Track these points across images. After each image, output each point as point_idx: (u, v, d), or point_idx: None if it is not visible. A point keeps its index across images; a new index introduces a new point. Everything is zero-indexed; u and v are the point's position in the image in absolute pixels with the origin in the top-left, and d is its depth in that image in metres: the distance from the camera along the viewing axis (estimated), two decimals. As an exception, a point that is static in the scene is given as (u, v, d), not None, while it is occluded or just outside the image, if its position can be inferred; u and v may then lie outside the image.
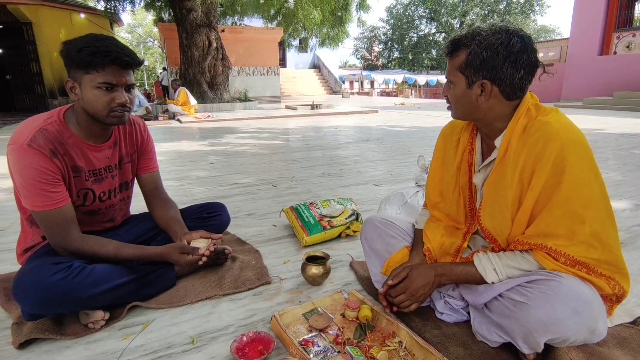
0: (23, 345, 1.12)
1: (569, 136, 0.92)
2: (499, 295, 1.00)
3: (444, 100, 1.10)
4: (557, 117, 0.97)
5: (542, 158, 0.93)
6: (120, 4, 11.65)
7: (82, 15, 12.44)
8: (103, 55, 1.12)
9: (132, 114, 1.39)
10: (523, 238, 0.99)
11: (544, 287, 0.91)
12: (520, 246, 1.00)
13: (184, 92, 8.98)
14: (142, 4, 12.88)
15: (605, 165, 3.50)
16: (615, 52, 11.59)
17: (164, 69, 14.91)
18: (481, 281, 1.05)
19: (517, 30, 0.94)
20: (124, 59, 1.16)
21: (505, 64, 0.93)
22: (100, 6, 12.09)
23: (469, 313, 1.16)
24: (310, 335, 1.12)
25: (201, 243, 1.40)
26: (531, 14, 33.25)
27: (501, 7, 33.10)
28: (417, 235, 1.29)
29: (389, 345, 1.07)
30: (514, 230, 1.02)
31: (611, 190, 2.68)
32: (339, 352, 1.05)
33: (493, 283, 1.02)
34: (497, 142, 1.04)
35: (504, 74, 0.94)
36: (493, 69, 0.95)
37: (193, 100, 9.18)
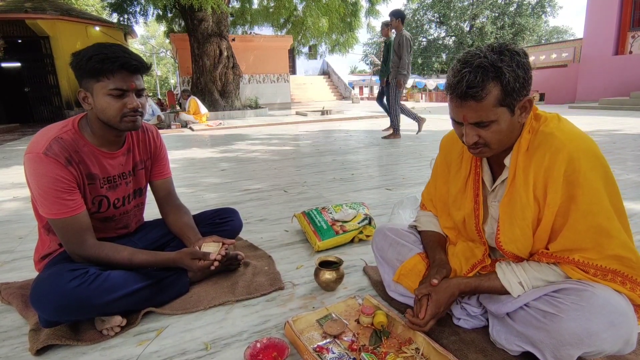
0: (40, 351, 1.13)
1: (576, 146, 0.88)
2: (525, 304, 0.96)
3: None
4: (559, 125, 0.93)
5: (552, 173, 0.89)
6: (132, 16, 11.92)
7: (97, 28, 12.76)
8: (112, 61, 1.14)
9: (145, 122, 1.41)
10: (549, 252, 0.95)
11: (577, 298, 0.86)
12: (545, 259, 0.96)
13: (194, 102, 9.10)
14: (154, 16, 13.16)
15: (624, 166, 3.40)
16: (630, 52, 11.35)
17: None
18: (506, 292, 1.01)
19: (507, 42, 0.90)
20: (133, 64, 1.18)
21: (531, 71, 0.90)
22: (114, 19, 12.39)
23: (487, 319, 1.13)
24: (324, 341, 1.10)
25: (211, 247, 1.40)
26: (543, 15, 32.84)
27: (512, 9, 32.78)
28: (428, 241, 1.26)
29: (405, 352, 1.05)
30: (535, 246, 0.98)
31: (631, 192, 2.60)
32: (354, 358, 1.03)
33: (519, 296, 0.99)
34: (507, 161, 0.99)
35: (531, 80, 0.91)
36: (528, 83, 0.89)
37: (204, 109, 9.29)
